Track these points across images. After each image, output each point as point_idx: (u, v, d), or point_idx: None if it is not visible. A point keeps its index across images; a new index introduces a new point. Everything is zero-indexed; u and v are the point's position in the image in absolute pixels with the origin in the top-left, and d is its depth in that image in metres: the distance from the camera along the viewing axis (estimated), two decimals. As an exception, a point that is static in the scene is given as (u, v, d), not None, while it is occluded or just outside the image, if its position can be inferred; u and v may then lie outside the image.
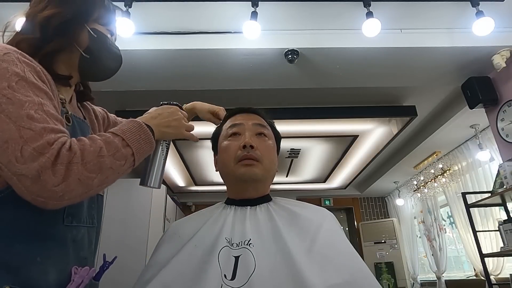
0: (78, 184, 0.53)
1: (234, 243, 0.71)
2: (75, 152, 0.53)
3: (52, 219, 0.61)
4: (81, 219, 0.67)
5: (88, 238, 0.70)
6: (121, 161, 0.59)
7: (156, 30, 2.07)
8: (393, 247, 5.34)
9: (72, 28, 0.70)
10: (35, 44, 0.67)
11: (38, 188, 0.51)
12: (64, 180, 0.52)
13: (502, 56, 2.17)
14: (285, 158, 4.14)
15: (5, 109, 0.52)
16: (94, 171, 0.54)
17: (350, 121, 3.24)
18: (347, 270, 0.64)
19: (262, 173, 0.80)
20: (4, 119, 0.52)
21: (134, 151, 0.61)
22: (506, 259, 3.40)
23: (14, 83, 0.55)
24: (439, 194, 4.48)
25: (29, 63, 0.60)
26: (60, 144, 0.53)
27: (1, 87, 0.54)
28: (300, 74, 2.37)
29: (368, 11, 1.87)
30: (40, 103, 0.56)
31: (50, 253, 0.60)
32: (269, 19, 2.01)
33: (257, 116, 0.90)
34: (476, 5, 1.90)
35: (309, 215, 0.77)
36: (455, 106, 3.03)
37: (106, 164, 0.56)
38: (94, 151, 0.55)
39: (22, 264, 0.56)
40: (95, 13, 0.73)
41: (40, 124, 0.53)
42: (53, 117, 0.56)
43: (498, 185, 2.59)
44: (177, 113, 0.74)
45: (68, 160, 0.52)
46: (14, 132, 0.51)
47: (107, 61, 0.76)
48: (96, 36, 0.72)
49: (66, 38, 0.69)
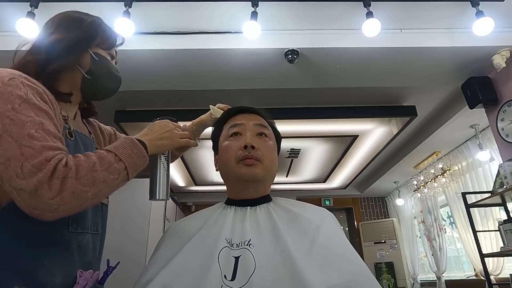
0: (72, 197, 0.58)
1: (234, 244, 0.71)
2: (70, 168, 0.58)
3: (58, 227, 0.66)
4: (85, 226, 0.72)
5: (93, 244, 0.75)
6: (115, 175, 0.63)
7: (156, 30, 2.07)
8: (393, 247, 5.34)
9: (75, 51, 0.77)
10: (41, 65, 0.73)
11: (35, 202, 0.56)
12: (59, 193, 0.57)
13: (502, 56, 2.17)
14: (285, 158, 4.14)
15: (8, 129, 0.58)
16: (87, 184, 0.59)
17: (350, 121, 3.24)
18: (347, 270, 0.64)
19: (263, 173, 0.80)
20: (7, 139, 0.57)
21: (126, 165, 0.65)
22: (506, 259, 3.40)
23: (17, 105, 0.60)
24: (439, 194, 4.48)
25: (32, 86, 0.65)
26: (57, 160, 0.58)
27: (5, 109, 0.59)
28: (300, 74, 2.37)
29: (368, 11, 1.87)
30: (41, 123, 0.61)
31: (56, 257, 0.65)
32: (269, 19, 2.01)
33: (258, 116, 0.90)
34: (476, 5, 1.90)
35: (309, 215, 0.77)
36: (455, 106, 3.03)
37: (99, 178, 0.61)
38: (88, 166, 0.60)
39: (31, 267, 0.62)
40: (98, 39, 0.81)
41: (39, 142, 0.58)
42: (52, 135, 0.61)
43: (498, 185, 2.59)
44: (167, 125, 0.80)
45: (64, 175, 0.57)
46: (16, 150, 0.57)
47: (107, 82, 0.83)
48: (97, 59, 0.79)
49: (70, 60, 0.76)
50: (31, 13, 1.79)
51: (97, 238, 0.78)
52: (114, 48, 0.85)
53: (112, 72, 0.84)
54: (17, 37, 1.88)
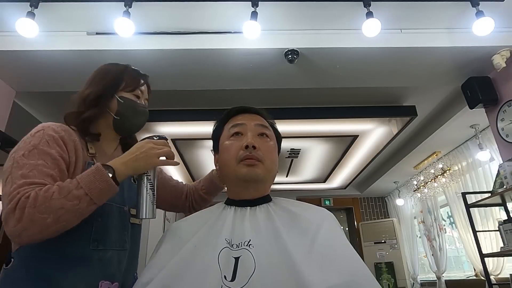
0: (32, 224, 0.67)
1: (234, 244, 0.70)
2: (30, 198, 0.68)
3: (80, 244, 0.80)
4: (106, 244, 0.84)
5: (118, 258, 0.86)
6: (74, 201, 0.71)
7: (156, 30, 2.07)
8: (393, 247, 5.34)
9: (104, 99, 0.93)
10: (78, 115, 0.91)
11: (6, 229, 0.69)
12: (19, 221, 0.67)
13: (502, 56, 2.17)
14: (285, 158, 4.14)
15: (12, 171, 0.73)
16: (45, 212, 0.68)
17: (350, 121, 3.24)
18: (347, 270, 0.64)
19: (264, 174, 0.80)
20: (10, 179, 0.72)
21: (86, 191, 0.72)
22: (506, 259, 3.40)
23: (28, 152, 0.76)
24: (439, 194, 4.48)
25: (51, 135, 0.80)
26: (22, 193, 0.69)
27: (18, 155, 0.75)
28: (300, 74, 2.37)
29: (368, 11, 1.87)
30: (38, 165, 0.74)
31: (79, 270, 0.78)
32: (269, 19, 2.01)
33: (259, 116, 0.90)
34: (476, 5, 1.90)
35: (309, 215, 0.77)
36: (455, 106, 3.03)
37: (56, 205, 0.69)
38: (46, 196, 0.69)
39: (59, 277, 0.76)
40: (122, 85, 0.95)
41: (26, 179, 0.71)
42: (43, 174, 0.74)
43: (498, 185, 2.59)
44: (144, 145, 0.83)
45: (23, 205, 0.67)
46: (9, 187, 0.71)
47: (133, 119, 0.97)
48: (123, 102, 0.94)
49: (99, 108, 0.92)
50: (31, 13, 1.79)
51: (124, 254, 0.88)
52: (138, 89, 0.98)
53: (137, 109, 0.97)
54: (17, 37, 1.88)
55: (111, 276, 0.83)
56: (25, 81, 2.34)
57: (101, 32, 2.05)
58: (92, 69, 1.05)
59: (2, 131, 2.25)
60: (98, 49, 2.04)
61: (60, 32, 2.05)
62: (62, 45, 2.04)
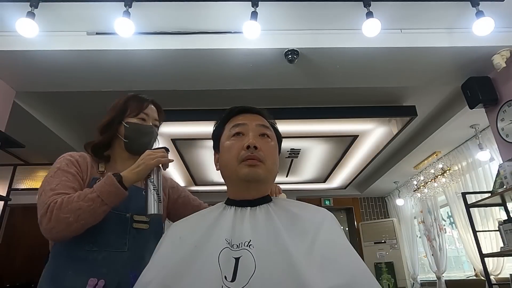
0: (58, 223, 0.86)
1: (234, 244, 0.70)
2: (57, 203, 0.88)
3: (79, 246, 0.95)
4: (101, 245, 0.96)
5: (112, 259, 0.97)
6: (89, 202, 0.88)
7: (156, 30, 2.07)
8: (393, 247, 5.34)
9: (113, 126, 1.11)
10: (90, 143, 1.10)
11: (42, 228, 0.88)
12: (49, 221, 0.86)
13: (502, 56, 2.17)
14: (285, 158, 4.14)
15: (44, 187, 0.95)
16: (67, 212, 0.87)
17: (350, 121, 3.24)
18: (348, 271, 0.64)
19: (265, 174, 0.80)
20: (43, 193, 0.93)
21: (98, 193, 0.89)
22: (506, 259, 3.40)
23: (54, 173, 0.98)
24: (439, 194, 4.48)
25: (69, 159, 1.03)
26: (52, 200, 0.89)
27: (48, 176, 0.98)
28: (300, 74, 2.37)
29: (368, 11, 1.87)
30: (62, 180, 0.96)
31: (77, 268, 0.94)
32: (269, 19, 2.01)
33: (260, 116, 0.89)
34: (476, 5, 1.90)
35: (309, 215, 0.77)
36: (455, 106, 3.03)
37: (75, 207, 0.87)
38: (68, 200, 0.88)
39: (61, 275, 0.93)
40: (127, 112, 1.12)
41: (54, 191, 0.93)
42: (67, 187, 0.95)
43: (498, 185, 2.59)
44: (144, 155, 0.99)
45: (52, 208, 0.87)
46: (43, 198, 0.91)
47: (140, 140, 1.12)
48: (128, 126, 1.10)
49: (110, 134, 1.11)
50: (31, 13, 1.79)
51: (120, 255, 0.99)
52: (142, 112, 1.13)
53: (142, 131, 1.12)
54: (17, 37, 1.88)
55: (102, 274, 0.94)
56: (25, 81, 2.34)
57: (101, 32, 2.05)
58: (92, 69, 1.06)
59: (2, 131, 2.25)
60: (98, 49, 2.04)
61: (60, 32, 2.05)
62: (62, 45, 2.04)
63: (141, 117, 1.12)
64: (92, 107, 3.03)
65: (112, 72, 2.24)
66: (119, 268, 0.97)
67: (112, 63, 2.14)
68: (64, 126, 3.40)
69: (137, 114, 1.12)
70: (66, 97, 2.80)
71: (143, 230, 1.04)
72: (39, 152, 3.87)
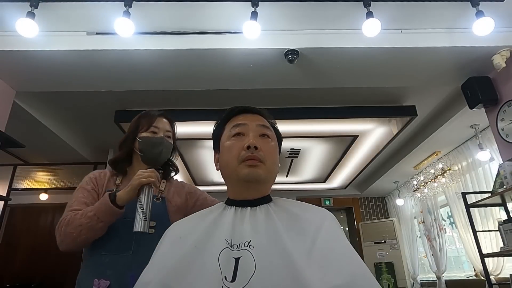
0: (65, 237, 1.02)
1: (235, 245, 0.70)
2: (66, 220, 1.03)
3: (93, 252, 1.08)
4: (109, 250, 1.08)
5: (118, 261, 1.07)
6: (87, 220, 1.01)
7: (156, 30, 2.07)
8: (393, 247, 5.34)
9: (128, 142, 1.23)
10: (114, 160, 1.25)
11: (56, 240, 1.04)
12: (59, 236, 1.03)
13: (502, 56, 2.17)
14: (285, 158, 4.14)
15: (68, 204, 1.10)
16: (71, 228, 1.02)
17: (350, 121, 3.24)
18: (348, 271, 0.64)
19: (265, 174, 0.80)
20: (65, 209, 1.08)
21: (95, 212, 1.02)
22: (506, 259, 3.40)
23: (76, 191, 1.15)
24: (439, 194, 4.48)
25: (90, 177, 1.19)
26: (65, 216, 1.05)
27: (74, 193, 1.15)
28: (300, 74, 2.37)
29: (368, 11, 1.87)
30: (78, 197, 1.12)
31: (89, 270, 1.07)
32: (269, 19, 2.01)
33: (260, 117, 0.89)
34: (476, 5, 1.90)
35: (309, 216, 0.77)
36: (455, 106, 3.03)
37: (77, 224, 1.02)
38: (74, 218, 1.03)
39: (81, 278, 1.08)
40: (140, 127, 1.23)
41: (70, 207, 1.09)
42: (80, 203, 1.10)
43: (498, 185, 2.59)
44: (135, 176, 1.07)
45: (62, 225, 1.03)
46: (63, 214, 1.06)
47: (152, 151, 1.20)
48: (141, 140, 1.20)
49: (127, 149, 1.23)
50: (31, 13, 1.79)
51: (126, 258, 1.08)
52: (153, 126, 1.22)
53: (152, 143, 1.20)
54: (17, 37, 1.88)
55: (108, 275, 1.04)
56: (25, 81, 2.34)
57: (101, 32, 2.05)
58: (92, 69, 1.07)
59: (2, 131, 2.25)
60: (98, 49, 2.04)
61: (60, 32, 2.05)
62: (62, 45, 2.04)
63: (152, 130, 1.22)
64: (92, 107, 3.04)
65: (112, 72, 2.24)
66: (123, 270, 1.05)
67: (112, 63, 2.14)
68: (64, 126, 3.41)
69: (147, 128, 1.22)
70: (66, 97, 2.80)
71: (148, 234, 1.09)
72: (39, 152, 3.88)
